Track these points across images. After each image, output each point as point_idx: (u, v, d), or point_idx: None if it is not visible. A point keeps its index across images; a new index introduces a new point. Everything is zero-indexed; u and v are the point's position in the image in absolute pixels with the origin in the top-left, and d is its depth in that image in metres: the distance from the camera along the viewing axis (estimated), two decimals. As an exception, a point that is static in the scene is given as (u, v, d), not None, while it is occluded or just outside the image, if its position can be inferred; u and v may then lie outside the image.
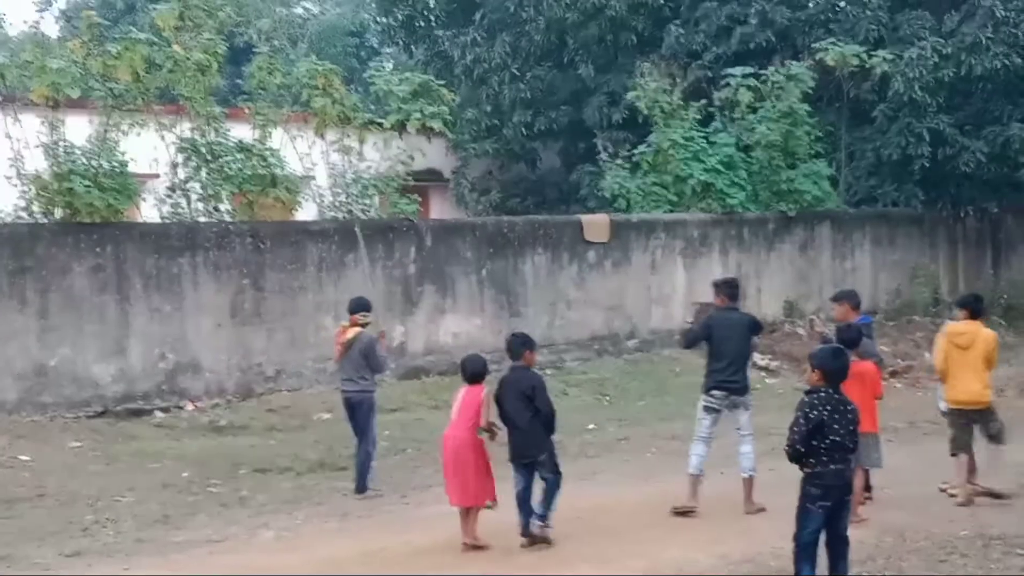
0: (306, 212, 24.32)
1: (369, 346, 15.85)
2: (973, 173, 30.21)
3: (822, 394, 10.45)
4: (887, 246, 30.70)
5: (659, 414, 21.28)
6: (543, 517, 12.97)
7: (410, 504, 15.30)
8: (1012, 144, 29.24)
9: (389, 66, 31.29)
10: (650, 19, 32.79)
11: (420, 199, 25.37)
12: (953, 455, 14.91)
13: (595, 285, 25.73)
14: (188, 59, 21.80)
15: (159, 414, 20.22)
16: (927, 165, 29.72)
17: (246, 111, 23.63)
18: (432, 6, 36.87)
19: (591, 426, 19.25)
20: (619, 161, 28.61)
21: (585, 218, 26.31)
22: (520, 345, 13.50)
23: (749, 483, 14.37)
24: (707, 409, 14.62)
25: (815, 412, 10.31)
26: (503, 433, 13.10)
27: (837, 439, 10.27)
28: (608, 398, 22.64)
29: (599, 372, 24.09)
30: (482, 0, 35.06)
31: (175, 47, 21.83)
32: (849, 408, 10.45)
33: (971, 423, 15.00)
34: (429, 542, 13.23)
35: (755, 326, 15.27)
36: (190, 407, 20.63)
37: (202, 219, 22.28)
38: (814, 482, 10.37)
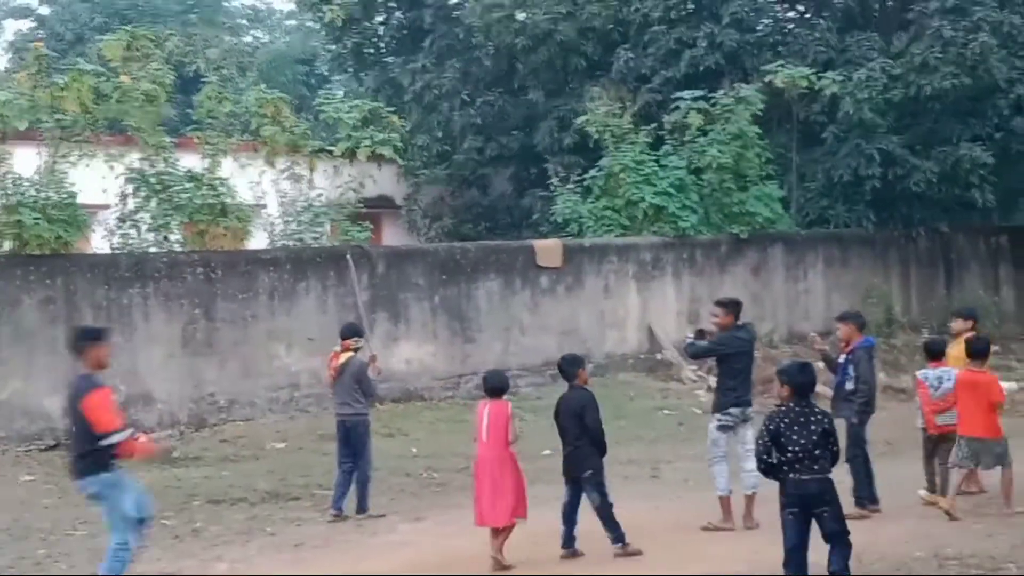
0: (257, 241, 24.22)
1: (361, 371, 16.00)
2: (924, 193, 30.42)
3: (783, 408, 10.73)
4: (840, 267, 30.77)
5: (615, 438, 20.93)
6: (617, 541, 13.14)
7: (365, 532, 15.18)
8: (962, 164, 29.46)
9: (339, 94, 31.16)
10: (599, 43, 32.86)
11: (372, 226, 25.36)
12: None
13: (548, 310, 25.71)
14: (136, 89, 21.72)
15: (111, 446, 20.03)
16: (878, 186, 29.89)
17: (195, 140, 23.55)
18: (381, 33, 36.97)
19: (547, 452, 19.12)
20: (570, 186, 28.63)
21: (537, 243, 26.30)
22: (571, 365, 13.80)
23: (751, 500, 14.41)
24: (723, 428, 14.69)
25: (773, 424, 10.59)
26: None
27: (797, 449, 10.45)
28: (563, 423, 22.55)
29: (553, 398, 23.65)
30: (431, 27, 35.09)
31: (123, 77, 21.75)
32: (813, 419, 10.60)
33: None
34: (385, 570, 13.12)
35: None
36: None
37: (152, 249, 22.17)
38: (781, 491, 10.67)
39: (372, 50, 37.15)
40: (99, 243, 23.22)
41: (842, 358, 15.32)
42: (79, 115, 21.15)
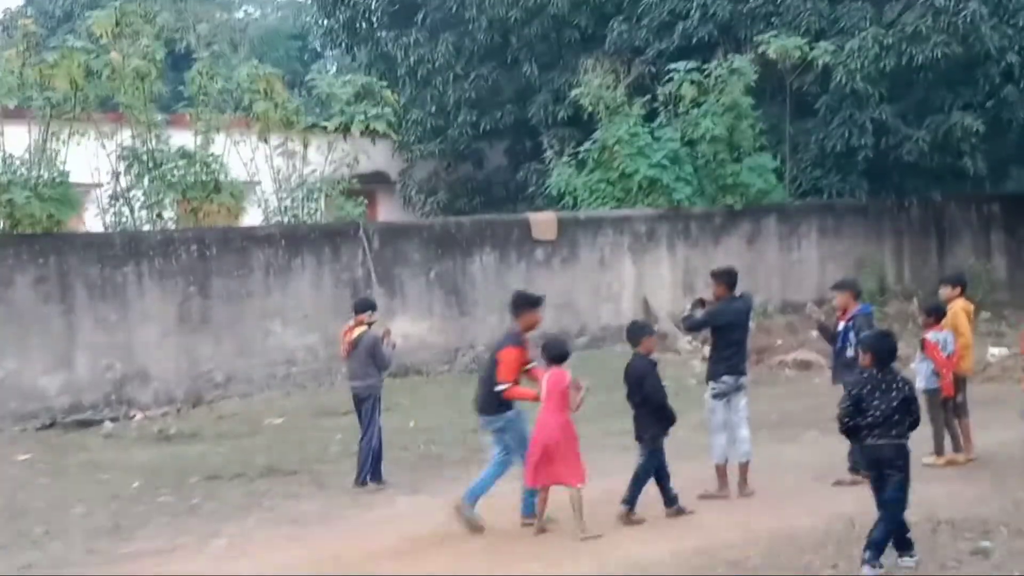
0: (251, 218, 24.22)
1: (374, 344, 16.11)
2: (916, 162, 30.39)
3: (866, 374, 11.25)
4: (833, 237, 30.79)
5: (609, 411, 21.13)
6: (626, 503, 13.35)
7: (362, 508, 15.19)
8: (954, 133, 29.43)
9: (332, 69, 31.14)
10: (593, 15, 32.78)
11: (367, 202, 25.33)
12: None
13: (544, 283, 25.63)
14: (126, 66, 21.66)
15: (108, 424, 20.10)
16: (871, 155, 29.88)
17: (188, 117, 23.52)
18: (374, 7, 36.76)
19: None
20: (565, 159, 28.61)
21: (532, 216, 26.31)
22: (637, 332, 14.06)
23: (745, 467, 14.54)
24: (717, 396, 14.75)
25: (856, 390, 11.20)
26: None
27: (878, 414, 10.91)
28: (559, 396, 22.57)
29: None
30: (424, 0, 34.98)
31: (113, 54, 21.70)
32: (895, 386, 11.02)
33: None
34: (381, 546, 13.12)
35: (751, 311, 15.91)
36: (139, 416, 20.52)
37: (146, 227, 22.17)
38: (860, 451, 11.43)
39: (365, 24, 36.98)
40: (92, 221, 23.20)
41: (840, 326, 15.39)
42: (69, 92, 21.13)
